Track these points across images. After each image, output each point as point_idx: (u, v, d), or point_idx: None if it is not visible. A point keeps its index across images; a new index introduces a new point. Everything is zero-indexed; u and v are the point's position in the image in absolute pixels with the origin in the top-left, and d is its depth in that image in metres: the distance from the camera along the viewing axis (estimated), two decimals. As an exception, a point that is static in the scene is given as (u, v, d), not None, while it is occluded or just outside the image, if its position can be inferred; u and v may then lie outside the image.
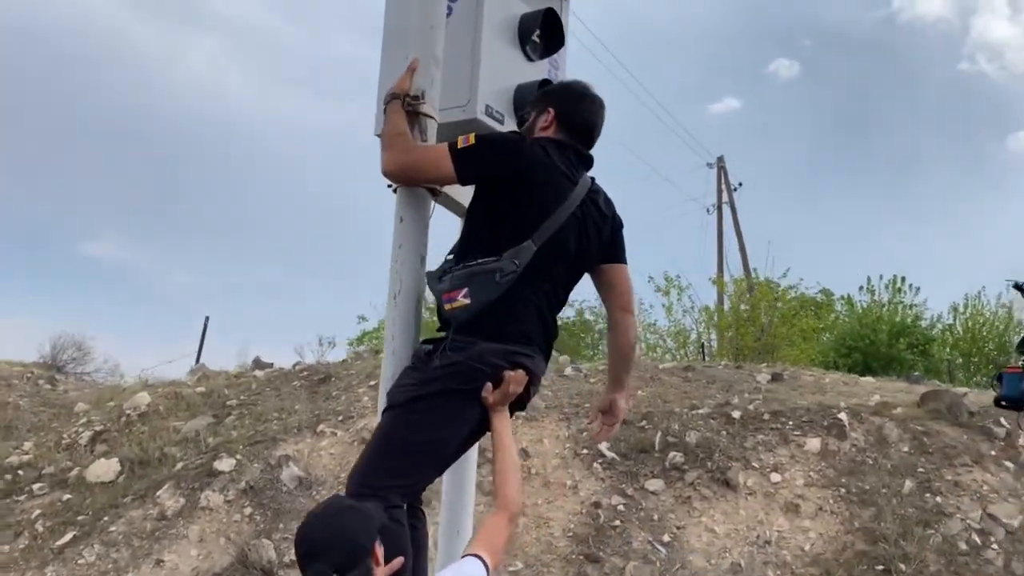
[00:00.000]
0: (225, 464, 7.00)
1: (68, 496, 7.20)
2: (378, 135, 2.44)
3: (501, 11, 2.80)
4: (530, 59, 2.89)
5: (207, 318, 16.57)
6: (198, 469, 7.07)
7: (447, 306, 2.17)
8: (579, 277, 2.44)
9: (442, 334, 2.22)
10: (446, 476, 2.54)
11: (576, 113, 2.44)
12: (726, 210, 24.08)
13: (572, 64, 3.06)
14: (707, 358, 14.02)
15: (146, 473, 7.35)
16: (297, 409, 8.35)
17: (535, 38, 2.91)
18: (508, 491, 2.08)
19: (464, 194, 2.46)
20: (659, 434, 7.06)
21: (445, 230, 2.54)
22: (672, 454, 6.80)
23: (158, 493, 6.77)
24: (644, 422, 7.37)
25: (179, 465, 7.31)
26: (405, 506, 2.12)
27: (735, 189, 24.40)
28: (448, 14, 2.74)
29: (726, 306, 17.00)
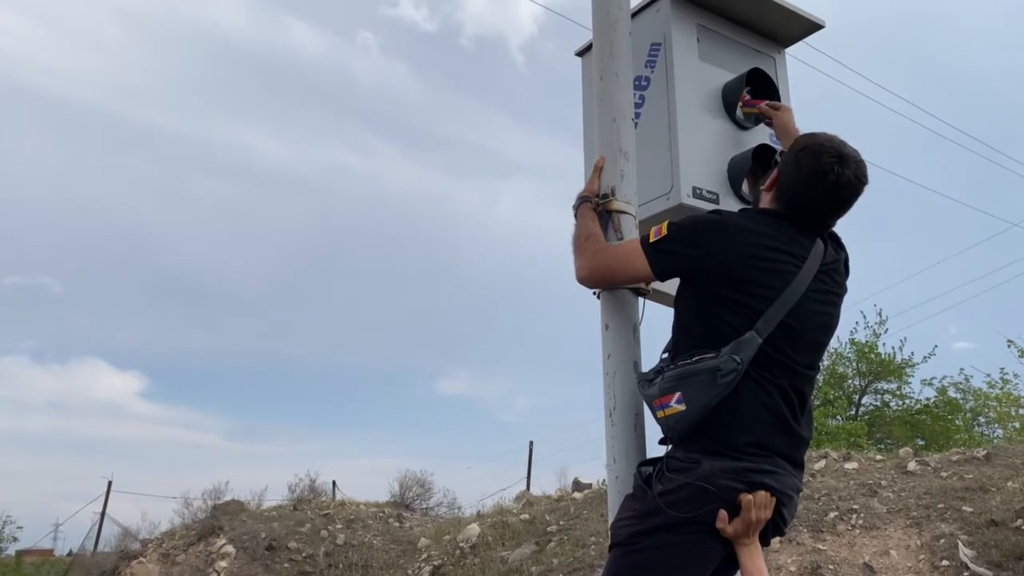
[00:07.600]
0: (546, 594, 6.95)
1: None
2: None
3: (700, 86, 2.58)
4: (743, 128, 2.61)
5: (531, 443, 17.24)
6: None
7: (659, 413, 1.88)
8: (818, 369, 2.02)
9: (663, 451, 1.92)
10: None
11: (800, 182, 1.96)
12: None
13: (887, 132, 2.64)
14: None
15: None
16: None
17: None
18: None
19: (675, 286, 2.19)
20: (1042, 536, 5.70)
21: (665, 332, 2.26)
22: (1065, 561, 5.42)
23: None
24: (1020, 521, 6.02)
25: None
26: None
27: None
28: (640, 104, 2.58)
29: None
